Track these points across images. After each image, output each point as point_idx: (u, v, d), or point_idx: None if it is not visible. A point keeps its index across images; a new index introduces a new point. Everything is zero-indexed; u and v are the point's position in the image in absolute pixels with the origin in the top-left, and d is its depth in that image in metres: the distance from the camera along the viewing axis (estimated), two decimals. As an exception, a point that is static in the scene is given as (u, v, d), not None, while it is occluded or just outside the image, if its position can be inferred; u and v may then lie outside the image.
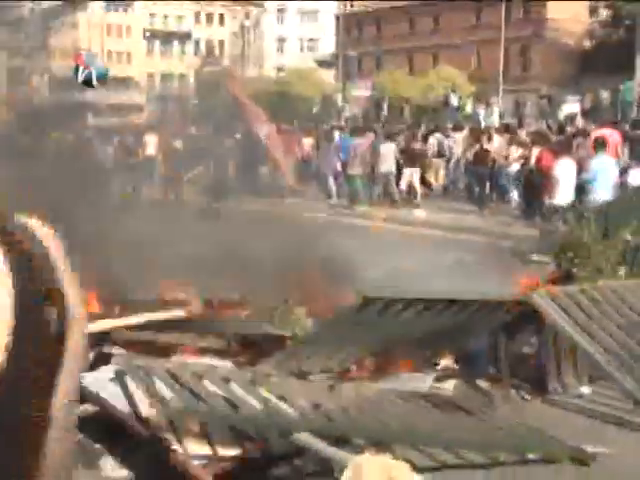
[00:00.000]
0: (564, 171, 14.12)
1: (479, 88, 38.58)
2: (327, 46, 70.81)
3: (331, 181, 22.37)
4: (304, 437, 4.84)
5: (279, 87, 53.53)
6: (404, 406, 5.84)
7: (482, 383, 6.95)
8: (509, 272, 9.36)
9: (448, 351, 7.20)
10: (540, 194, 15.30)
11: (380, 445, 5.38)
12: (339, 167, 22.27)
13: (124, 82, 76.47)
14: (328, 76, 59.19)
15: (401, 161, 21.21)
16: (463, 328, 6.66)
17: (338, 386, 6.07)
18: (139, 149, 25.78)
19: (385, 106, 40.63)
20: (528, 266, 8.30)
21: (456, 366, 7.29)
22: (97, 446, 5.58)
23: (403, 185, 21.18)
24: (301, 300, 7.21)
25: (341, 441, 5.33)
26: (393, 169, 21.05)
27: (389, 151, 21.07)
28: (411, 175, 21.26)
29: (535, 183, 16.25)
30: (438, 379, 6.91)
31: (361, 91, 41.35)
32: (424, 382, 6.52)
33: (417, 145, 22.20)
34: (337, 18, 61.01)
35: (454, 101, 34.20)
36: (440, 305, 6.27)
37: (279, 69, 71.86)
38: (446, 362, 7.31)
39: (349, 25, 59.60)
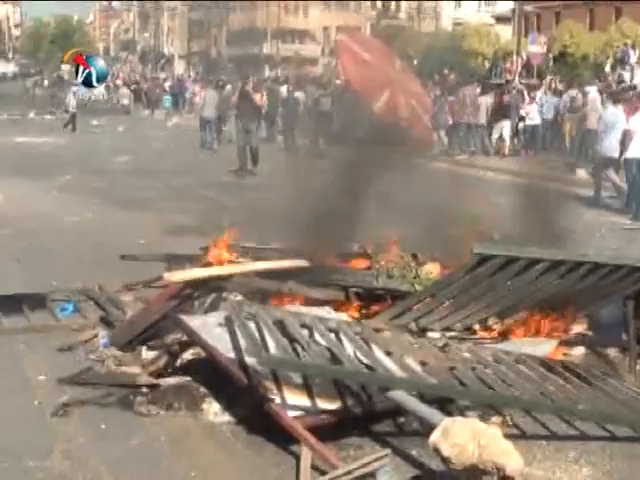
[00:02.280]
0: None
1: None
2: (506, 2, 68.80)
3: None
4: (400, 395, 4.66)
5: (453, 42, 52.49)
6: (518, 370, 5.55)
7: (612, 352, 6.55)
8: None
9: (578, 316, 6.81)
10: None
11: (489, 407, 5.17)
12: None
13: (300, 35, 77.07)
14: (506, 32, 57.49)
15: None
16: (593, 292, 6.27)
17: (452, 345, 5.84)
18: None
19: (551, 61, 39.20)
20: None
21: (590, 333, 6.91)
22: (203, 389, 5.60)
23: (495, 135, 23.18)
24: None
25: (445, 401, 5.15)
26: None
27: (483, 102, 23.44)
28: (501, 128, 22.97)
29: None
30: (567, 345, 6.56)
31: (536, 47, 39.95)
32: (545, 347, 6.18)
33: (505, 99, 23.35)
34: (516, -29, 58.98)
35: (632, 58, 32.40)
36: (566, 266, 5.90)
37: (456, 24, 70.44)
38: (579, 328, 6.93)
39: (529, -21, 57.57)
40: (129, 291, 8.08)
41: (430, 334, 6.21)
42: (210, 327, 5.67)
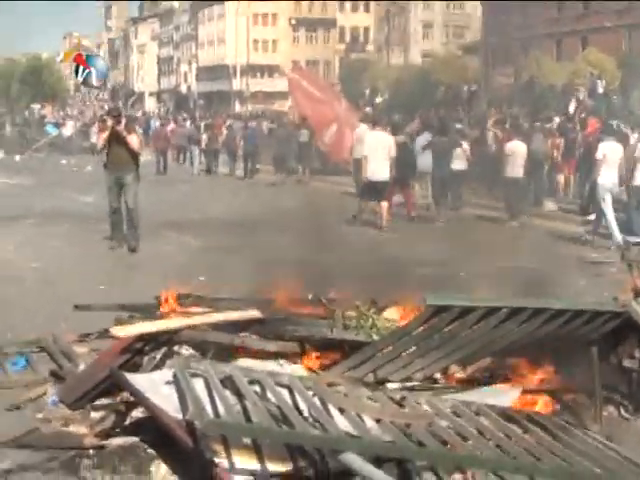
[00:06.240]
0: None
1: (627, 74, 36.66)
2: (474, 33, 69.33)
3: None
4: (351, 458, 4.44)
5: (422, 74, 52.67)
6: (479, 423, 5.34)
7: (578, 399, 6.36)
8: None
9: (543, 363, 6.62)
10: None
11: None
12: None
13: (269, 70, 77.21)
14: (475, 63, 57.80)
15: None
16: (556, 339, 6.09)
17: (410, 398, 5.63)
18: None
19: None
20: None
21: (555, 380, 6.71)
22: (151, 451, 5.36)
23: None
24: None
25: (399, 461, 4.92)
26: None
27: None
28: None
29: None
30: (531, 393, 6.36)
31: (503, 78, 40.23)
32: (508, 396, 5.99)
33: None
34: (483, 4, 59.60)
35: (600, 88, 32.58)
36: (526, 313, 5.73)
37: (425, 56, 70.85)
38: (543, 375, 6.72)
39: (496, 12, 57.96)
40: (84, 342, 7.80)
41: (388, 385, 6.01)
42: (158, 385, 5.43)
